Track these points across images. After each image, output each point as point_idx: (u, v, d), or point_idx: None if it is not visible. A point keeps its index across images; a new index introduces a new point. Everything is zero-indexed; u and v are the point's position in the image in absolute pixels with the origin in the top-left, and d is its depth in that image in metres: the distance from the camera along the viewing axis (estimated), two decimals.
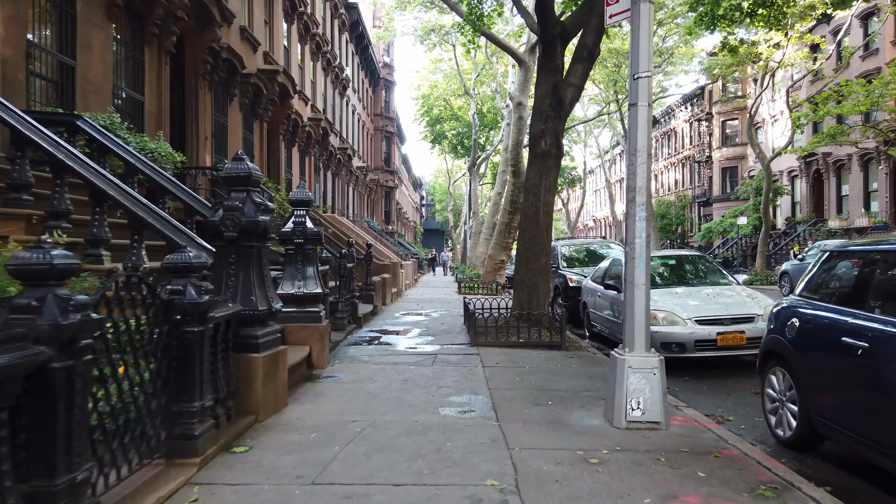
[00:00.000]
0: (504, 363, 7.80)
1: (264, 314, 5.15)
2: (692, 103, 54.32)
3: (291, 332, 7.22)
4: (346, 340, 9.63)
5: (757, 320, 7.77)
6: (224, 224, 5.07)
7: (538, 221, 10.57)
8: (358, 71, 38.14)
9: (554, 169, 10.79)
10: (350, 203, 34.56)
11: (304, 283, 7.31)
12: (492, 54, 37.12)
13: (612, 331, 9.80)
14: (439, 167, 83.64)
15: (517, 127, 21.86)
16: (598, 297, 10.45)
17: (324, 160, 26.63)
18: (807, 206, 37.91)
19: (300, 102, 22.55)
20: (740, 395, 6.78)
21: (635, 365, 4.95)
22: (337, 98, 30.44)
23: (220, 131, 15.05)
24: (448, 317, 13.69)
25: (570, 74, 10.64)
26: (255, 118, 17.56)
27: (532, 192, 10.69)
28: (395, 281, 19.57)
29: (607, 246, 17.17)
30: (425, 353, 8.60)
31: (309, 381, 6.59)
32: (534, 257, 10.52)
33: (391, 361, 7.85)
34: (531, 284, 10.46)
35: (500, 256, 23.01)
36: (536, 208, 10.60)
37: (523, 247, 10.71)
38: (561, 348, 8.97)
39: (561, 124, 10.80)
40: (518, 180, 22.35)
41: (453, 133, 47.36)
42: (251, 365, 5.02)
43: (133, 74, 11.15)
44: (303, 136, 22.50)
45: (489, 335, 9.30)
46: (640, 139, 5.09)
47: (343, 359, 8.00)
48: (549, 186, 10.67)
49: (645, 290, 5.06)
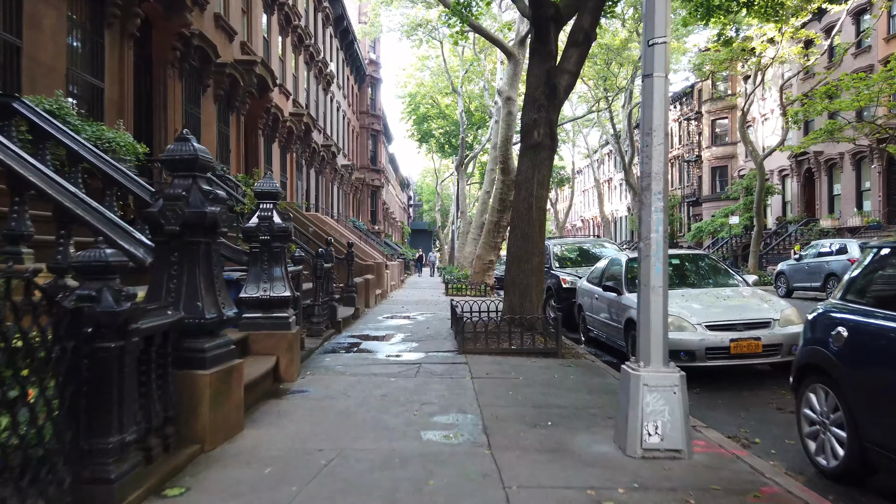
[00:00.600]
0: (495, 374, 7.03)
1: (213, 323, 4.34)
2: (681, 102, 53.90)
3: (256, 341, 6.42)
4: (321, 348, 8.82)
5: (773, 325, 7.05)
6: (164, 216, 4.26)
7: (531, 218, 9.82)
8: (343, 67, 37.27)
9: (547, 161, 10.04)
10: (335, 202, 33.68)
11: (270, 285, 6.49)
12: (479, 51, 36.43)
13: (611, 336, 9.07)
14: (427, 167, 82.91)
15: (506, 122, 21.14)
16: (596, 300, 9.70)
17: (306, 157, 25.75)
18: (798, 206, 37.51)
19: (281, 97, 21.67)
20: (761, 411, 6.04)
21: (652, 382, 4.20)
22: (321, 94, 29.57)
23: (192, 124, 14.16)
24: (434, 320, 12.90)
25: (565, 60, 9.90)
26: (232, 111, 16.69)
27: (524, 186, 9.93)
28: (380, 282, 18.76)
29: (601, 245, 16.48)
30: (408, 361, 7.81)
31: (274, 398, 5.77)
32: (526, 257, 9.77)
33: (370, 372, 7.05)
34: (523, 286, 9.71)
35: (489, 257, 22.27)
36: (529, 204, 9.85)
37: (515, 245, 9.95)
38: (557, 356, 8.22)
39: (555, 113, 10.05)
40: (507, 177, 21.62)
41: (440, 132, 46.62)
42: (196, 384, 4.21)
43: (91, 59, 10.26)
44: (283, 131, 21.62)
45: (479, 341, 8.53)
46: (657, 116, 4.34)
47: (316, 369, 7.19)
48: (541, 180, 9.92)
49: (662, 293, 4.30)
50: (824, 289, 18.28)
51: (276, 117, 20.49)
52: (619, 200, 68.78)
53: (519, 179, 10.10)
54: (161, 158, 4.43)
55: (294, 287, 7.58)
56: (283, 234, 6.56)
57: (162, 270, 4.35)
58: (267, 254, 6.55)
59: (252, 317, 6.46)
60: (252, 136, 18.88)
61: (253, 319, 6.46)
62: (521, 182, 10.02)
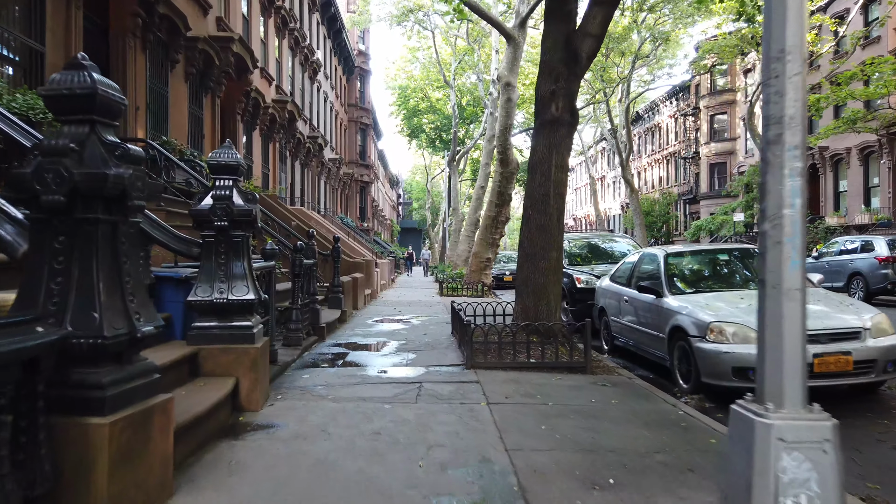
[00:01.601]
0: (516, 397, 5.57)
1: (118, 342, 2.85)
2: (678, 98, 52.77)
3: (209, 358, 4.92)
4: (300, 360, 7.32)
5: (864, 336, 5.65)
6: (41, 178, 2.77)
7: (547, 207, 8.37)
8: (331, 57, 35.68)
9: (567, 140, 8.59)
10: (322, 197, 32.09)
11: (229, 285, 4.99)
12: (473, 40, 35.05)
13: (645, 345, 7.63)
14: (417, 164, 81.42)
15: (505, 110, 19.69)
16: (625, 303, 8.26)
17: (291, 148, 24.18)
18: None
19: (262, 81, 20.10)
20: (877, 452, 4.63)
21: (791, 435, 2.74)
22: (307, 82, 27.98)
23: (158, 102, 12.59)
24: (431, 324, 11.43)
25: (588, 21, 8.46)
26: (206, 92, 15.12)
27: (539, 169, 8.48)
28: (369, 281, 17.26)
29: (611, 239, 15.10)
30: (406, 379, 6.32)
31: (228, 438, 4.28)
32: (542, 253, 8.31)
33: (358, 395, 5.56)
34: (539, 286, 8.25)
35: (486, 254, 20.82)
36: (545, 190, 8.39)
37: (528, 240, 8.49)
38: (585, 371, 6.77)
39: (575, 84, 8.60)
40: (506, 169, 20.19)
41: (431, 126, 45.18)
42: (87, 439, 2.72)
43: (28, 18, 8.70)
44: (265, 118, 20.04)
45: (489, 353, 7.06)
46: (791, 32, 2.89)
47: (290, 391, 5.69)
48: (560, 162, 8.47)
49: (800, 299, 2.86)
50: (847, 289, 17.00)
51: (257, 103, 18.92)
52: (613, 198, 67.64)
53: (533, 161, 8.64)
54: (42, 94, 2.96)
55: (264, 287, 6.08)
56: (245, 218, 5.06)
57: (40, 263, 2.85)
58: (224, 245, 5.04)
59: (204, 327, 4.96)
60: (230, 121, 17.31)
61: (205, 330, 4.96)
62: (535, 165, 8.57)
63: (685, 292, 7.06)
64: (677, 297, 6.89)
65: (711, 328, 5.92)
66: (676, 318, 6.47)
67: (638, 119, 57.63)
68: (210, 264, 5.02)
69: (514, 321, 8.47)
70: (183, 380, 4.65)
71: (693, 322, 6.19)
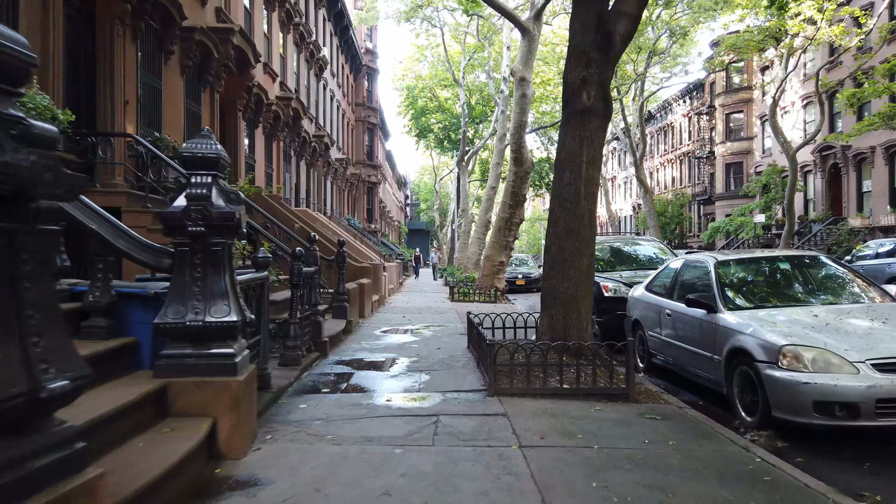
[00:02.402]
0: (553, 436, 4.64)
1: (12, 406, 1.95)
2: (691, 97, 51.64)
3: (180, 394, 4.02)
4: (298, 383, 6.42)
5: None
6: None
7: (577, 208, 7.43)
8: (338, 54, 34.84)
9: (599, 133, 7.64)
10: (328, 198, 31.24)
11: (206, 304, 4.10)
12: (484, 37, 34.17)
13: (688, 365, 6.68)
14: (424, 164, 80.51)
15: (520, 106, 18.75)
16: (666, 317, 7.29)
17: (295, 147, 23.32)
18: (822, 204, 35.17)
19: (266, 77, 19.25)
20: None
21: None
22: (312, 80, 27.14)
23: (151, 97, 11.74)
24: (444, 335, 10.51)
25: (622, 0, 7.54)
26: (204, 87, 14.25)
27: (568, 166, 7.53)
28: (377, 286, 16.35)
29: (635, 242, 14.10)
30: (419, 411, 5.39)
31: (198, 500, 3.37)
32: (571, 259, 7.37)
33: (362, 435, 4.64)
34: (568, 297, 7.31)
35: (499, 257, 19.89)
36: (575, 189, 7.45)
37: (555, 245, 7.55)
38: (628, 398, 5.83)
39: (608, 70, 7.65)
40: (521, 168, 19.25)
41: (439, 127, 44.24)
42: None
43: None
44: (269, 116, 19.18)
45: (515, 377, 6.12)
46: None
47: (283, 428, 4.78)
48: (592, 157, 7.53)
49: None
50: None
51: (260, 99, 18.06)
52: (624, 199, 66.50)
53: (561, 158, 7.69)
54: None
55: (255, 302, 5.19)
56: (226, 223, 4.16)
57: None
58: (201, 255, 4.14)
59: (175, 355, 4.07)
60: (230, 118, 16.46)
61: (176, 359, 4.06)
62: (564, 161, 7.62)
63: (744, 307, 6.09)
64: (735, 313, 5.93)
65: (784, 352, 4.97)
66: (737, 339, 5.51)
67: (650, 118, 56.48)
68: (183, 278, 4.12)
69: (539, 337, 7.53)
70: (145, 424, 3.74)
71: (760, 344, 5.23)
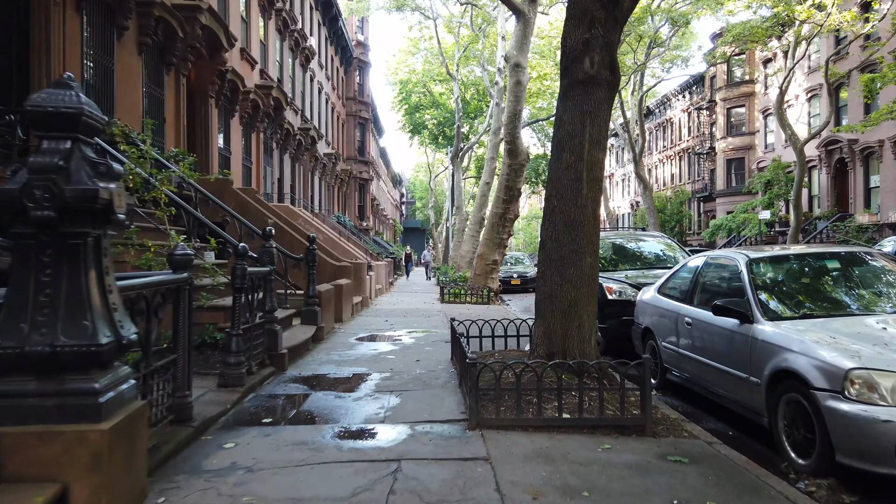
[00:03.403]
0: (551, 494, 3.44)
1: None
2: (691, 91, 50.50)
3: (16, 450, 2.81)
4: (235, 410, 5.20)
5: None
6: None
7: (579, 196, 6.22)
8: (326, 45, 33.57)
9: (605, 106, 6.43)
10: (316, 195, 29.98)
11: (57, 321, 2.88)
12: (478, 28, 32.97)
13: (715, 386, 5.50)
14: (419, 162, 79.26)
15: (514, 94, 17.54)
16: (685, 326, 6.09)
17: (278, 140, 22.07)
18: (828, 200, 34.03)
19: (243, 64, 18.01)
20: None
21: None
22: (298, 70, 25.88)
23: (100, 76, 10.50)
24: (428, 344, 9.32)
25: None
26: (168, 69, 13.01)
27: (568, 146, 6.33)
28: (359, 287, 15.15)
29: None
30: (377, 455, 4.17)
31: None
32: (571, 257, 6.17)
33: (292, 496, 3.43)
34: (567, 303, 6.10)
35: (493, 256, 18.69)
36: (576, 174, 6.25)
37: (552, 239, 6.35)
38: (644, 431, 4.64)
39: (615, 32, 6.45)
40: (515, 161, 18.05)
41: (434, 122, 43.02)
42: None
43: None
44: (246, 105, 17.94)
45: (503, 402, 4.91)
46: None
47: (188, 482, 3.56)
48: (597, 136, 6.33)
49: None
50: None
51: (235, 86, 16.81)
52: (622, 197, 65.40)
53: (559, 137, 6.48)
54: None
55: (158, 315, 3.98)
56: (87, 206, 2.94)
57: None
58: (52, 251, 2.93)
59: (10, 392, 2.86)
60: (201, 105, 15.22)
61: (12, 398, 2.85)
62: (562, 141, 6.41)
63: (789, 317, 4.89)
64: (778, 324, 4.73)
65: (853, 379, 3.79)
66: (784, 359, 4.32)
67: (648, 114, 55.30)
68: (26, 284, 2.91)
69: (533, 350, 6.34)
70: None
71: (816, 366, 4.05)
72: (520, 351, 7.40)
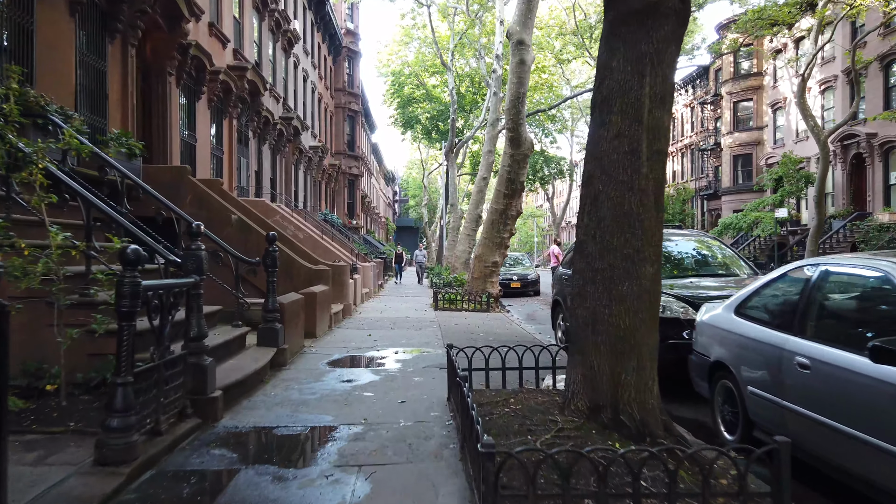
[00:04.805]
0: None
1: None
2: (694, 85, 48.70)
3: None
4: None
5: None
6: None
7: (636, 176, 4.27)
8: (313, 32, 31.53)
9: (673, 48, 4.46)
10: (300, 190, 27.96)
11: None
12: (474, 14, 31.04)
13: (854, 464, 3.58)
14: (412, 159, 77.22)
15: (517, 75, 15.60)
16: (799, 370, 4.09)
17: (255, 128, 20.04)
18: (843, 198, 32.23)
19: (212, 41, 16.00)
20: None
21: None
22: (279, 54, 23.85)
23: (16, 39, 8.50)
24: (418, 371, 7.36)
25: None
26: (111, 37, 10.98)
27: (619, 104, 4.37)
28: (341, 293, 13.17)
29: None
30: None
31: None
32: (625, 265, 4.21)
33: None
34: (620, 333, 4.16)
35: (492, 257, 16.75)
36: (632, 143, 4.29)
37: (597, 240, 4.39)
38: None
39: None
40: (518, 150, 16.10)
41: (427, 116, 41.02)
42: None
43: None
44: (215, 86, 15.92)
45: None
46: None
47: None
48: (660, 90, 4.38)
49: None
50: None
51: (202, 64, 14.80)
52: None
53: (603, 94, 4.52)
54: None
55: None
56: None
57: None
58: None
59: None
60: (158, 83, 13.20)
61: None
62: (609, 99, 4.45)
63: None
64: None
65: None
66: None
67: None
68: None
69: (568, 398, 4.39)
70: None
71: None
72: (543, 393, 5.45)
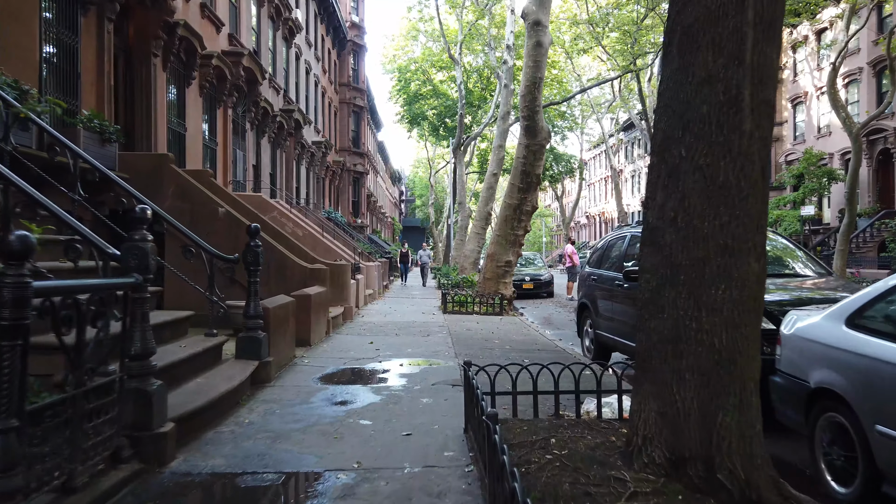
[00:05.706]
0: None
1: None
2: None
3: None
4: None
5: None
6: None
7: (735, 135, 3.06)
8: (316, 24, 30.40)
9: None
10: (302, 187, 26.82)
11: None
12: (484, 4, 29.85)
13: None
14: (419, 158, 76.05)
15: (534, 59, 14.40)
16: None
17: (252, 119, 18.89)
18: (869, 195, 30.80)
19: (205, 22, 14.87)
20: None
21: None
22: (280, 44, 22.72)
23: None
24: (426, 390, 6.15)
25: None
26: (86, 10, 9.85)
27: (707, 37, 3.16)
28: (341, 295, 11.99)
29: None
30: None
31: None
32: (720, 260, 3.01)
33: None
34: (715, 355, 2.95)
35: (506, 256, 15.55)
36: (729, 90, 3.08)
37: (678, 225, 3.18)
38: None
39: None
40: (534, 140, 14.87)
41: (434, 113, 39.82)
42: None
43: None
44: (207, 71, 14.78)
45: None
46: None
47: None
48: (769, 14, 3.18)
49: None
50: None
51: (191, 47, 13.66)
52: (632, 194, 62.14)
53: (687, 22, 3.30)
54: None
55: None
56: None
57: None
58: None
59: None
60: (142, 65, 12.05)
61: None
62: (693, 29, 3.24)
63: None
64: None
65: None
66: None
67: None
68: None
69: (637, 445, 3.18)
70: None
71: None
72: (590, 428, 4.22)
